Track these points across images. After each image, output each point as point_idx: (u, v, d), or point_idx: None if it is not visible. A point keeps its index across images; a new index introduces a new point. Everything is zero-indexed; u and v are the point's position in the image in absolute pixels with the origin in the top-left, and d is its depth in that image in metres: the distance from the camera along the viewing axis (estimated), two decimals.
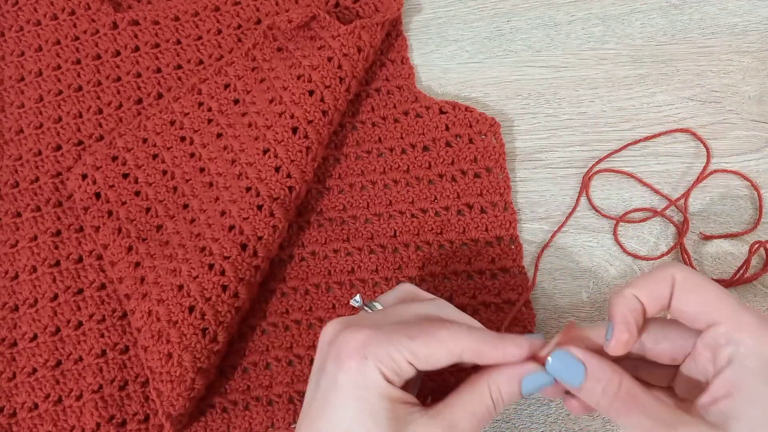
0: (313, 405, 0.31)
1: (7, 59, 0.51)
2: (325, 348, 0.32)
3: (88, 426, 0.41)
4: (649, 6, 0.51)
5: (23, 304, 0.44)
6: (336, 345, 0.31)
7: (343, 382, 0.30)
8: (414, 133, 0.47)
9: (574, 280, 0.44)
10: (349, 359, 0.30)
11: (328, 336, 0.32)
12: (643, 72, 0.49)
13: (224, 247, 0.41)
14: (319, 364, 0.32)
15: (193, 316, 0.39)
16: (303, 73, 0.45)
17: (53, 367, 0.43)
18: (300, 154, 0.43)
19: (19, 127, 0.49)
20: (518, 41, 0.51)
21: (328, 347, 0.32)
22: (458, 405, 0.30)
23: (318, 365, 0.32)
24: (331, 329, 0.32)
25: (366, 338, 0.30)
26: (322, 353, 0.32)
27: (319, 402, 0.31)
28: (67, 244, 0.45)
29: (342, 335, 0.31)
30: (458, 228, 0.44)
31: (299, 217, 0.46)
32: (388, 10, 0.49)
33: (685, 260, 0.43)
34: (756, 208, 0.45)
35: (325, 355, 0.32)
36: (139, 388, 0.42)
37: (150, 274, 0.42)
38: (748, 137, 0.47)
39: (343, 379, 0.30)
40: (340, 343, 0.31)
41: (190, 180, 0.45)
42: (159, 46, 0.50)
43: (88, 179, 0.46)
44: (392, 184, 0.46)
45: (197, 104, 0.47)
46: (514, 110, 0.48)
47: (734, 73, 0.48)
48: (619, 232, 0.45)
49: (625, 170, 0.46)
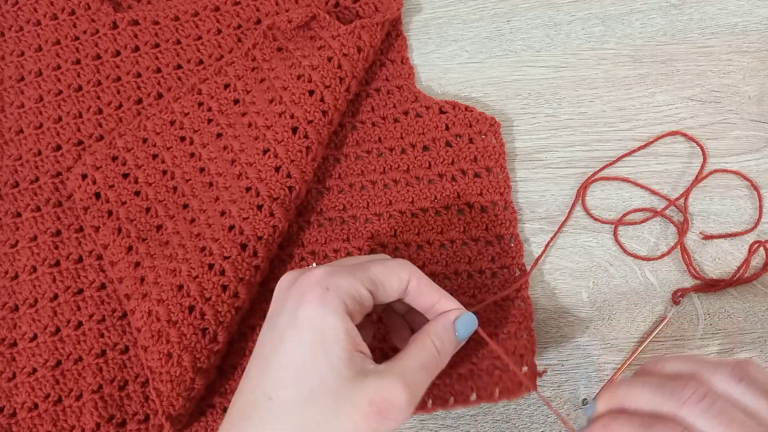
0: (267, 344, 0.31)
1: (7, 59, 0.51)
2: (283, 293, 0.33)
3: (88, 426, 0.41)
4: (649, 6, 0.51)
5: (23, 304, 0.44)
6: (296, 285, 0.32)
7: (302, 316, 0.30)
8: (414, 132, 0.47)
9: (574, 280, 0.44)
10: (310, 292, 0.31)
11: (285, 283, 0.33)
12: (643, 72, 0.49)
13: (224, 247, 0.41)
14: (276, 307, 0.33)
15: (193, 316, 0.39)
16: (303, 73, 0.44)
17: (53, 367, 0.43)
18: (300, 154, 0.43)
19: (19, 127, 0.49)
20: (518, 41, 0.51)
21: (286, 291, 0.32)
22: (405, 357, 0.32)
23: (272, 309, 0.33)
24: (288, 277, 0.34)
25: (326, 273, 0.32)
26: (280, 298, 0.33)
27: (274, 340, 0.31)
28: (67, 244, 0.45)
29: (301, 277, 0.32)
30: (459, 227, 0.44)
31: (299, 217, 0.46)
32: (388, 10, 0.49)
33: (685, 260, 0.43)
34: (756, 208, 0.45)
35: (283, 298, 0.32)
36: (139, 388, 0.42)
37: (150, 274, 0.42)
38: (747, 137, 0.47)
39: (303, 313, 0.30)
40: (300, 282, 0.32)
41: (190, 180, 0.45)
42: (159, 46, 0.50)
43: (88, 179, 0.46)
44: (392, 183, 0.46)
45: (197, 104, 0.47)
46: (514, 110, 0.48)
47: (734, 73, 0.48)
48: (619, 233, 0.45)
49: (625, 170, 0.46)
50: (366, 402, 0.29)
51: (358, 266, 0.33)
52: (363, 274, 0.32)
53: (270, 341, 0.31)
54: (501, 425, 0.41)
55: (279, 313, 0.32)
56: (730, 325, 0.43)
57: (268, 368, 0.30)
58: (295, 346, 0.30)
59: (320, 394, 0.29)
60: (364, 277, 0.32)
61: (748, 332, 0.42)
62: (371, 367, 0.31)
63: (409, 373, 0.31)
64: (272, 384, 0.30)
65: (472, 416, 0.42)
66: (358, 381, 0.30)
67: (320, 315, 0.30)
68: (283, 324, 0.31)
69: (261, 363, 0.31)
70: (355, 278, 0.32)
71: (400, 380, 0.30)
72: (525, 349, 0.40)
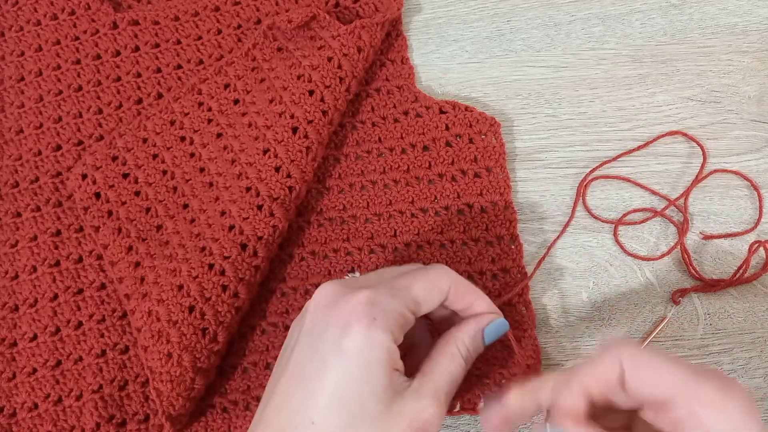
0: (308, 367, 0.31)
1: (7, 59, 0.51)
2: (323, 311, 0.32)
3: (88, 426, 0.41)
4: (649, 6, 0.51)
5: (23, 304, 0.44)
6: (338, 309, 0.31)
7: (349, 347, 0.30)
8: (414, 132, 0.47)
9: (574, 280, 0.44)
10: (357, 323, 0.30)
11: (324, 300, 0.32)
12: (643, 72, 0.49)
13: (224, 247, 0.41)
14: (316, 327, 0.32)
15: (193, 316, 0.39)
16: (303, 73, 0.45)
17: (53, 367, 0.43)
18: (300, 154, 0.43)
19: (19, 127, 0.49)
20: (518, 41, 0.51)
21: (328, 311, 0.32)
22: (436, 371, 0.32)
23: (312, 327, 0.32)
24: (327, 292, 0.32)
25: (370, 298, 0.31)
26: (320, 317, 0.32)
27: (316, 363, 0.31)
28: (67, 244, 0.45)
29: (343, 300, 0.31)
30: (458, 227, 0.44)
31: (299, 217, 0.46)
32: (388, 10, 0.49)
33: (685, 260, 0.43)
34: (756, 208, 0.45)
35: (325, 319, 0.31)
36: (139, 388, 0.42)
37: (150, 274, 0.42)
38: (747, 137, 0.47)
39: (349, 344, 0.30)
40: (343, 307, 0.31)
41: (190, 180, 0.45)
42: (159, 46, 0.50)
43: (88, 179, 0.46)
44: (392, 183, 0.46)
45: (197, 104, 0.47)
46: (514, 110, 0.48)
47: (734, 73, 0.48)
48: (619, 233, 0.45)
49: (625, 170, 0.46)
50: (405, 424, 0.30)
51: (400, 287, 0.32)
52: (407, 296, 0.32)
53: (312, 365, 0.31)
54: None
55: (320, 336, 0.31)
56: (730, 325, 0.42)
57: (311, 394, 0.30)
58: (341, 375, 0.30)
59: (361, 420, 0.29)
60: (408, 298, 0.32)
61: (748, 332, 0.42)
62: (406, 385, 0.31)
63: (442, 389, 0.32)
64: (315, 410, 0.30)
65: (472, 416, 0.42)
66: (396, 404, 0.30)
67: (368, 347, 0.30)
68: (327, 350, 0.31)
69: (303, 385, 0.31)
70: (399, 302, 0.31)
71: (435, 400, 0.31)
72: (530, 359, 0.41)
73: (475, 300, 0.35)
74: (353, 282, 0.33)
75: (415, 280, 0.33)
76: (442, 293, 0.33)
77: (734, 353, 0.42)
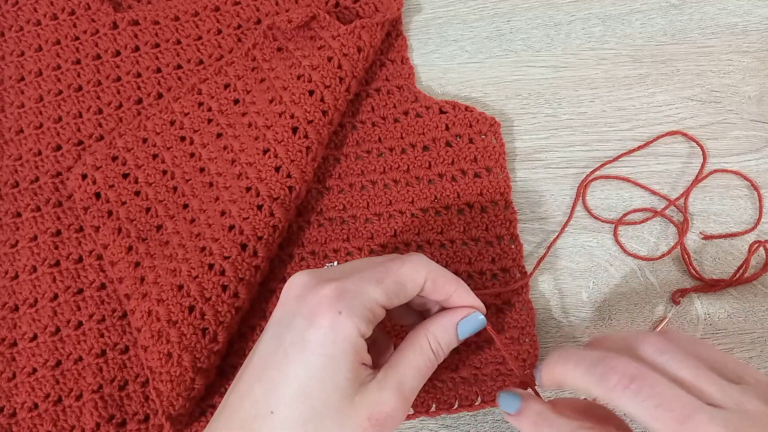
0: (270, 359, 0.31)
1: (7, 59, 0.51)
2: (292, 303, 0.32)
3: (88, 426, 0.41)
4: (649, 6, 0.51)
5: (23, 304, 0.44)
6: (307, 301, 0.31)
7: (312, 339, 0.30)
8: (414, 132, 0.47)
9: (574, 280, 0.44)
10: (322, 317, 0.30)
11: (295, 291, 0.32)
12: (643, 72, 0.49)
13: (224, 247, 0.41)
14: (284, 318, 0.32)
15: (193, 316, 0.39)
16: (303, 73, 0.45)
17: (53, 367, 0.43)
18: (300, 154, 0.43)
19: (19, 127, 0.49)
20: (518, 41, 0.51)
21: (296, 302, 0.32)
22: (402, 363, 0.32)
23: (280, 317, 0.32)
24: (298, 282, 0.32)
25: (338, 290, 0.31)
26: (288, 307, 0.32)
27: (280, 355, 0.30)
28: (67, 244, 0.45)
29: (312, 291, 0.31)
30: (459, 227, 0.44)
31: (299, 217, 0.46)
32: (388, 10, 0.49)
33: (685, 260, 0.43)
34: (756, 208, 0.45)
35: (293, 310, 0.31)
36: (139, 388, 0.42)
37: (150, 274, 0.42)
38: (747, 137, 0.47)
39: (313, 336, 0.30)
40: (311, 299, 0.31)
41: (190, 180, 0.45)
42: (159, 46, 0.50)
43: (88, 179, 0.46)
44: (392, 183, 0.46)
45: (197, 104, 0.47)
46: (514, 110, 0.48)
47: (734, 73, 0.48)
48: (619, 233, 0.45)
49: (625, 170, 0.46)
50: (365, 417, 0.30)
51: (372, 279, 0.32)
52: (377, 290, 0.31)
53: (274, 357, 0.31)
54: (501, 425, 0.41)
55: (286, 327, 0.31)
56: (730, 325, 0.42)
57: (274, 385, 0.30)
58: (301, 368, 0.30)
59: (323, 414, 0.29)
60: (378, 292, 0.31)
61: (748, 332, 0.42)
62: (369, 378, 0.31)
63: (406, 382, 0.31)
64: (276, 401, 0.30)
65: (472, 416, 0.42)
66: (358, 396, 0.30)
67: (331, 341, 0.30)
68: (290, 341, 0.31)
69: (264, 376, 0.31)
70: (368, 295, 0.31)
71: (396, 392, 0.31)
72: (528, 354, 0.41)
73: (455, 291, 0.34)
74: (326, 273, 0.33)
75: (388, 272, 0.32)
76: (416, 285, 0.33)
77: (734, 353, 0.42)
